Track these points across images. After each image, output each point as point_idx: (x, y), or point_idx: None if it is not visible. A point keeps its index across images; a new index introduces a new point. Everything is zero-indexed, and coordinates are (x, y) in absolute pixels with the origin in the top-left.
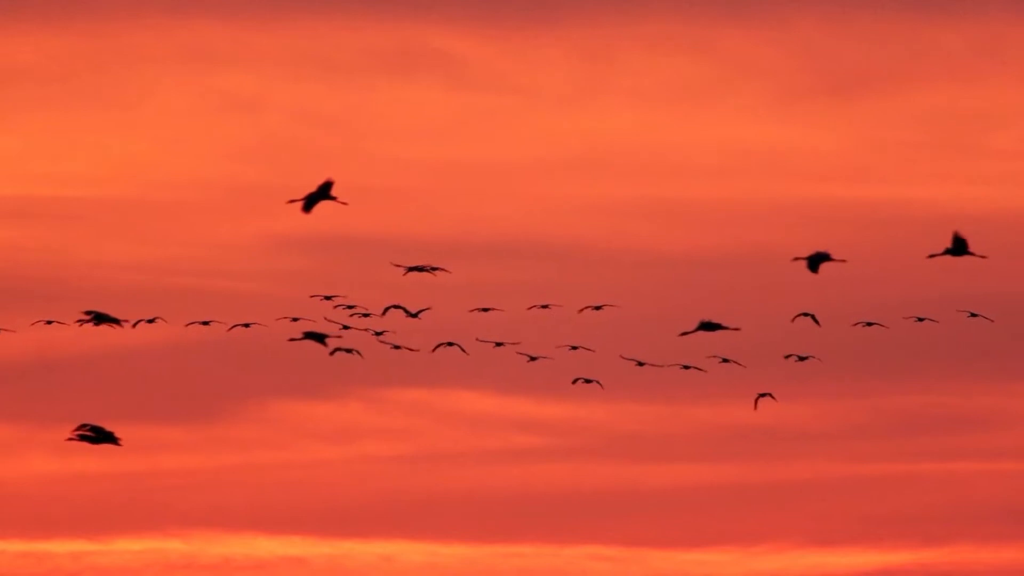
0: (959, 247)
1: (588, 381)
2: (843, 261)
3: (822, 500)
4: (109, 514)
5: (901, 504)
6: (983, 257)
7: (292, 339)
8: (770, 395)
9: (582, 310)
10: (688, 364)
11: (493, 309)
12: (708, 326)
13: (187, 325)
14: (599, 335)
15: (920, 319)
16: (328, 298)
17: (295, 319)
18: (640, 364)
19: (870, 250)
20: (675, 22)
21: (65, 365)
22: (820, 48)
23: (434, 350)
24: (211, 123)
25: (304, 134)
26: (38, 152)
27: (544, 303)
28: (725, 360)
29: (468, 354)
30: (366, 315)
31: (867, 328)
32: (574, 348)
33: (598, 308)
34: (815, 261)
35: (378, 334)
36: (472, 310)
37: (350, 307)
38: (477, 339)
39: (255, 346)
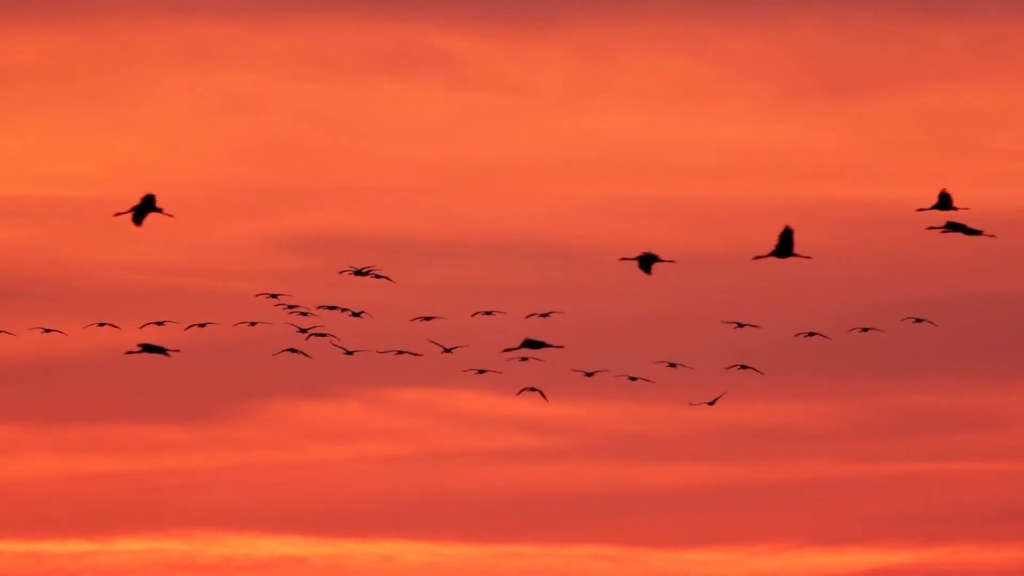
0: (784, 247)
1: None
2: (671, 262)
3: (822, 500)
4: (109, 514)
5: (901, 504)
6: (808, 258)
7: (129, 352)
8: (717, 400)
9: (529, 316)
10: (635, 376)
11: (436, 317)
12: (531, 344)
13: (142, 327)
14: (603, 335)
15: (911, 321)
16: (273, 296)
17: (253, 323)
18: (589, 375)
19: (870, 250)
20: (675, 22)
21: (65, 365)
22: (820, 48)
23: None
24: (211, 123)
25: (304, 134)
26: (38, 152)
27: (488, 309)
28: (672, 364)
29: (420, 356)
30: (304, 314)
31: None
32: (524, 359)
33: (545, 315)
34: (645, 262)
35: (323, 335)
36: (414, 319)
37: (291, 307)
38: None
39: (255, 346)
